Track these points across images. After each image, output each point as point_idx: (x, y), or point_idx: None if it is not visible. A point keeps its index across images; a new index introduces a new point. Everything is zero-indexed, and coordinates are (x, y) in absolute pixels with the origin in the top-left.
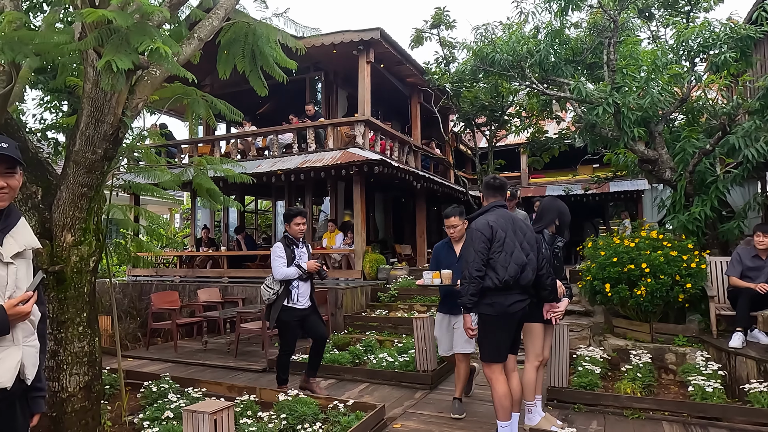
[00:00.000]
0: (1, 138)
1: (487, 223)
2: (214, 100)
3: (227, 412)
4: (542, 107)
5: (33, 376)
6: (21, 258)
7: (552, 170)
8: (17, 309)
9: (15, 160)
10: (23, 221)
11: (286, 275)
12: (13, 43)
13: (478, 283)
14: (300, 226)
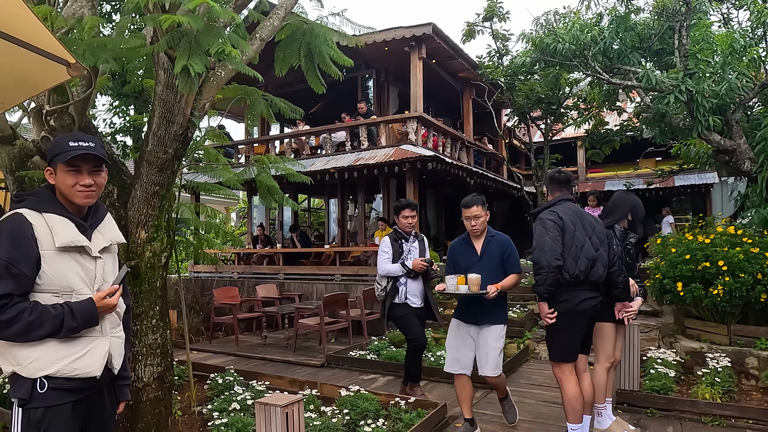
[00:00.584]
0: (89, 138)
1: (558, 215)
2: (274, 98)
3: (297, 405)
4: (605, 98)
5: (120, 366)
6: (107, 252)
7: (611, 164)
8: (105, 301)
9: (101, 159)
10: (109, 217)
11: (388, 272)
12: (93, 49)
13: (557, 272)
14: (409, 219)
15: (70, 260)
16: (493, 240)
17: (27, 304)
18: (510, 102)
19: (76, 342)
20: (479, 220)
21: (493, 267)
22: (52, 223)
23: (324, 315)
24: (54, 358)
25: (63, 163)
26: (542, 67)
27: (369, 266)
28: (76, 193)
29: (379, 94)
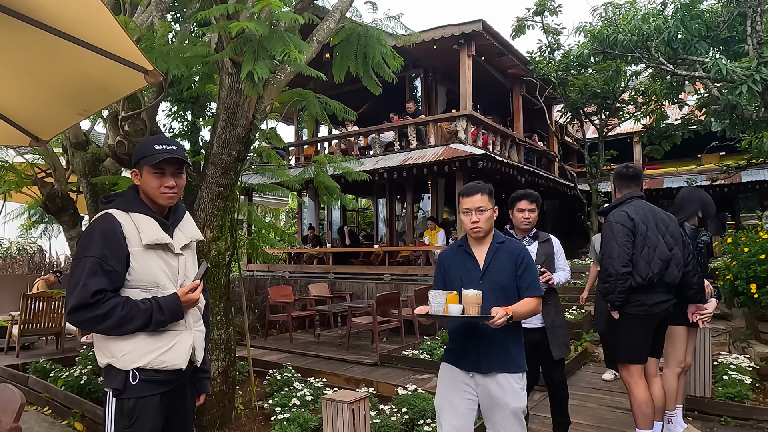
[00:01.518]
0: (172, 141)
1: (627, 216)
2: (329, 100)
3: (363, 402)
4: (667, 90)
5: (202, 359)
6: (188, 249)
7: (670, 160)
8: (189, 296)
9: (183, 162)
10: (188, 215)
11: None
12: (164, 56)
13: (626, 279)
14: (525, 214)
15: (155, 257)
16: (501, 248)
17: (119, 299)
18: (562, 97)
19: (164, 336)
20: (483, 216)
21: (502, 286)
22: (138, 222)
23: (376, 314)
24: (144, 351)
25: (149, 165)
26: (599, 60)
27: (419, 266)
28: (160, 194)
29: (427, 93)
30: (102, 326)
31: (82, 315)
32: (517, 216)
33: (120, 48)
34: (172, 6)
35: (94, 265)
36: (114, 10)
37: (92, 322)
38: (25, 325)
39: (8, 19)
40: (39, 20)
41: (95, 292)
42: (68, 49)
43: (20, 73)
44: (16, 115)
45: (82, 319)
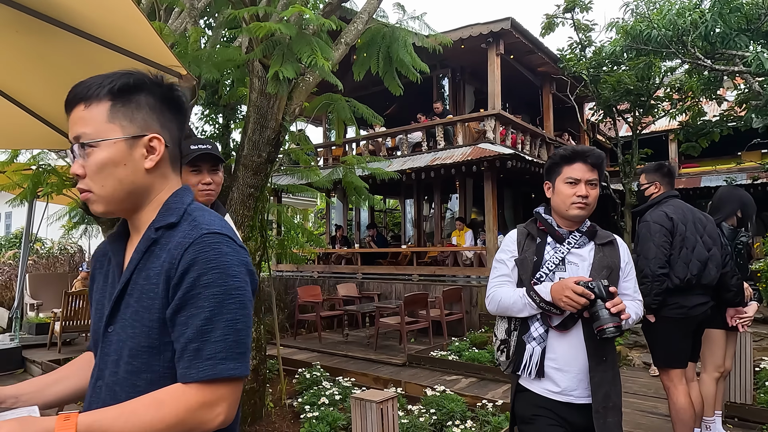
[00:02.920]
0: (206, 141)
1: (666, 215)
2: (357, 104)
3: (392, 402)
4: (704, 86)
5: None
6: None
7: (708, 158)
8: None
9: (218, 159)
10: (228, 217)
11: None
12: (197, 60)
13: (663, 281)
14: (582, 188)
15: None
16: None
17: None
18: (594, 95)
19: None
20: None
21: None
22: None
23: (404, 314)
24: None
25: (186, 164)
26: (632, 56)
27: (446, 266)
28: (197, 192)
29: (455, 93)
30: None
31: None
32: (563, 190)
33: (155, 53)
34: (204, 12)
35: None
36: (149, 16)
37: None
38: (66, 321)
39: (52, 28)
40: (80, 28)
41: None
42: (107, 56)
43: (62, 80)
44: (59, 119)
45: None
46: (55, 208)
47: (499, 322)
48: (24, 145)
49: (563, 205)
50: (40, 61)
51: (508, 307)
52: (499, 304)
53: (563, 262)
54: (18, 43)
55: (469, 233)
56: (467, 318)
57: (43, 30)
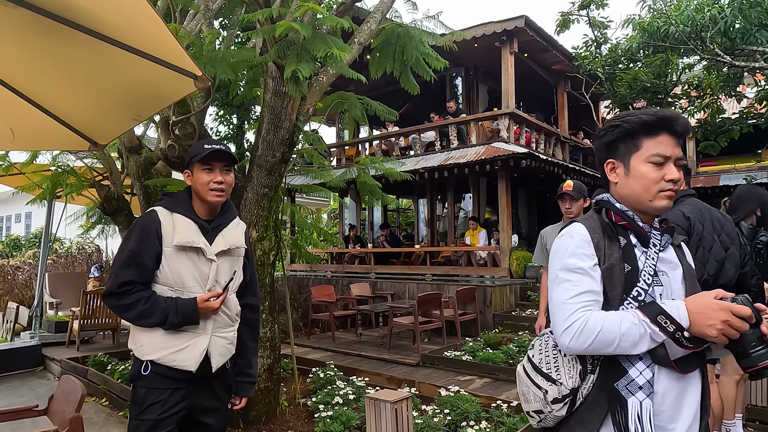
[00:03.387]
0: (219, 142)
1: (683, 215)
2: (370, 102)
3: (406, 402)
4: (724, 83)
5: (218, 365)
6: (226, 255)
7: (727, 156)
8: (206, 304)
9: (231, 157)
10: (237, 221)
11: (602, 340)
12: (212, 61)
13: None
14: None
15: (185, 259)
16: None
17: (145, 293)
18: (610, 93)
19: (179, 336)
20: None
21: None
22: (176, 223)
23: (418, 314)
24: (158, 347)
25: (199, 161)
26: (649, 53)
27: (460, 266)
28: (208, 190)
29: (468, 92)
30: (126, 315)
31: (110, 301)
32: (649, 174)
33: (172, 55)
34: (219, 13)
35: (128, 258)
36: (165, 18)
37: (118, 309)
38: (84, 320)
39: (70, 31)
40: (98, 31)
41: (123, 283)
42: (124, 58)
43: (80, 82)
44: (77, 121)
45: (111, 305)
46: (73, 209)
47: (565, 362)
48: (44, 147)
49: (646, 194)
50: (59, 64)
51: (612, 340)
52: (597, 337)
53: (657, 272)
54: (38, 45)
55: (483, 233)
56: (481, 318)
57: (62, 33)
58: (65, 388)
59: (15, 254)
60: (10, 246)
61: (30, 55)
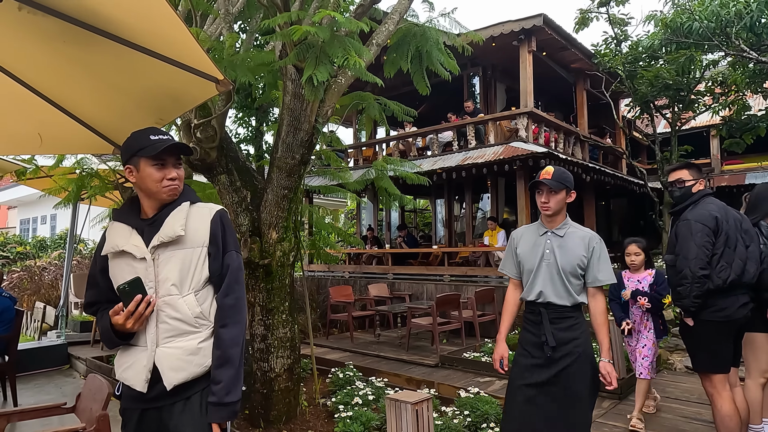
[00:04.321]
0: (163, 131)
1: (710, 214)
2: (387, 102)
3: (427, 403)
4: (749, 79)
5: (176, 381)
6: (165, 249)
7: (753, 154)
8: (114, 319)
9: (183, 150)
10: (183, 207)
11: None
12: (233, 65)
13: (704, 283)
14: None
15: (123, 265)
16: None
17: (100, 314)
18: (630, 91)
19: (127, 352)
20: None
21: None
22: (110, 232)
23: (436, 315)
24: (117, 364)
25: (149, 157)
26: (671, 50)
27: (478, 267)
28: (161, 188)
29: (486, 91)
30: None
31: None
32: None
33: (193, 59)
34: (239, 16)
35: (89, 279)
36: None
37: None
38: None
39: (95, 37)
40: (122, 37)
41: (87, 304)
42: (147, 62)
43: (104, 86)
44: (100, 125)
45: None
46: (96, 210)
47: None
48: (69, 150)
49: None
50: (84, 69)
51: None
52: None
53: None
54: (65, 52)
55: (502, 233)
56: (500, 319)
57: (88, 39)
58: (92, 386)
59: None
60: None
61: (57, 61)
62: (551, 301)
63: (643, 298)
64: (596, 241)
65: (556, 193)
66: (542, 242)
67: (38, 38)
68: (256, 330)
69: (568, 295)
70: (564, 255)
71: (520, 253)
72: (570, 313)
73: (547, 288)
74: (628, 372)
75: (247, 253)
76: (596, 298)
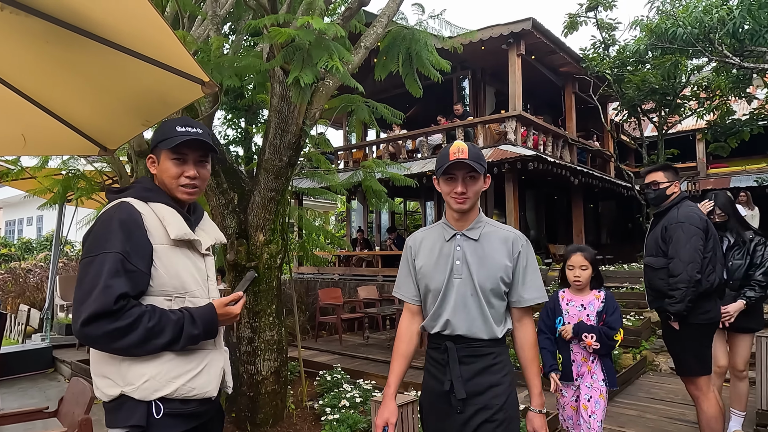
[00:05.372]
0: (197, 124)
1: (700, 218)
2: (377, 105)
3: (412, 405)
4: (733, 84)
5: (232, 384)
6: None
7: (738, 158)
8: (227, 309)
9: (209, 148)
10: (207, 216)
11: None
12: (219, 67)
13: (697, 288)
14: None
15: (182, 257)
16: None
17: (145, 307)
18: (618, 95)
19: (192, 356)
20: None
21: None
22: (162, 214)
23: None
24: (171, 376)
25: (168, 149)
26: (657, 54)
27: None
28: (177, 186)
29: (475, 94)
30: (123, 342)
31: (102, 326)
32: None
33: (179, 62)
34: (227, 18)
35: (116, 263)
36: (173, 24)
37: (114, 335)
38: None
39: (80, 38)
40: (107, 38)
41: (119, 296)
42: (133, 65)
43: (90, 88)
44: (87, 127)
45: (103, 331)
46: (83, 212)
47: None
48: (55, 152)
49: None
50: (69, 71)
51: None
52: None
53: None
54: (49, 53)
55: None
56: None
57: (73, 40)
58: (75, 390)
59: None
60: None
61: (41, 62)
62: (462, 333)
63: (590, 336)
64: (522, 243)
65: (474, 179)
66: (450, 250)
67: (21, 39)
68: (243, 333)
69: (485, 323)
70: (481, 266)
71: (421, 267)
72: (488, 348)
73: (457, 315)
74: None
75: (234, 255)
76: (523, 323)
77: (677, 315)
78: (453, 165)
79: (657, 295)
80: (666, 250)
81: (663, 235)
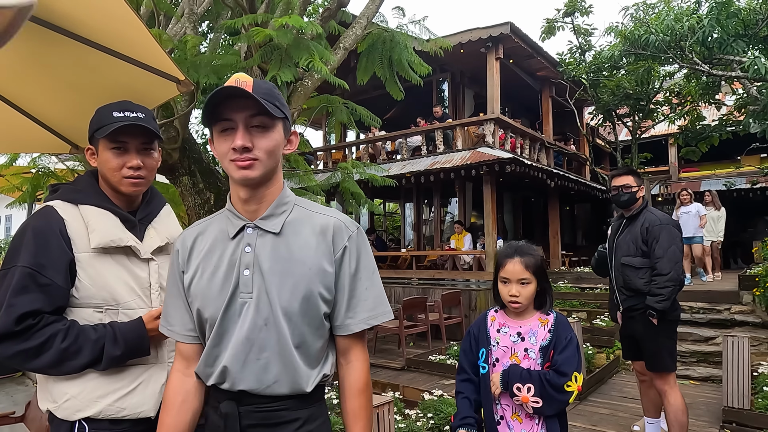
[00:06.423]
0: (137, 107)
1: (675, 221)
2: (356, 106)
3: (388, 407)
4: (702, 91)
5: None
6: (165, 254)
7: (708, 162)
8: (157, 323)
9: (153, 134)
10: (168, 209)
11: None
12: (196, 66)
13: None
14: None
15: (113, 264)
16: None
17: (60, 326)
18: (594, 99)
19: (123, 374)
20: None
21: None
22: (88, 217)
23: (403, 318)
24: (95, 395)
25: (106, 138)
26: (631, 61)
27: (446, 270)
28: (120, 178)
29: (455, 97)
30: (36, 363)
31: (9, 347)
32: None
33: (154, 59)
34: (205, 16)
35: (24, 278)
36: (149, 22)
37: (22, 356)
38: None
39: (51, 34)
40: (79, 34)
41: (22, 315)
42: (106, 61)
43: (62, 85)
44: (58, 124)
45: (12, 351)
46: None
47: None
48: (23, 149)
49: None
50: (39, 67)
51: None
52: None
53: None
54: (18, 48)
55: (468, 237)
56: (466, 322)
57: (43, 36)
58: None
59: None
60: None
61: (8, 57)
62: (246, 388)
63: (527, 388)
64: (350, 234)
65: (266, 130)
66: (235, 254)
67: None
68: None
69: (287, 370)
70: (285, 275)
71: (191, 282)
72: (292, 411)
73: (239, 359)
74: (587, 373)
75: None
76: (350, 357)
77: (660, 312)
78: (226, 102)
79: (632, 294)
80: (647, 251)
81: (645, 236)
